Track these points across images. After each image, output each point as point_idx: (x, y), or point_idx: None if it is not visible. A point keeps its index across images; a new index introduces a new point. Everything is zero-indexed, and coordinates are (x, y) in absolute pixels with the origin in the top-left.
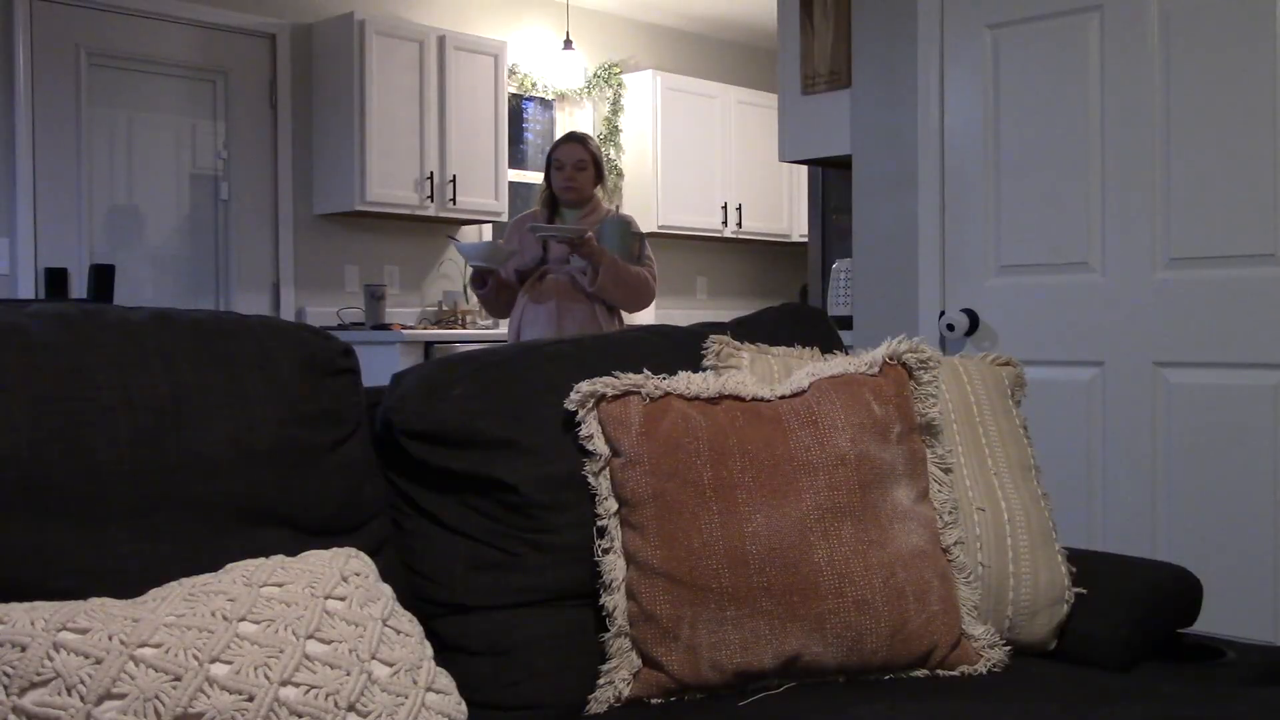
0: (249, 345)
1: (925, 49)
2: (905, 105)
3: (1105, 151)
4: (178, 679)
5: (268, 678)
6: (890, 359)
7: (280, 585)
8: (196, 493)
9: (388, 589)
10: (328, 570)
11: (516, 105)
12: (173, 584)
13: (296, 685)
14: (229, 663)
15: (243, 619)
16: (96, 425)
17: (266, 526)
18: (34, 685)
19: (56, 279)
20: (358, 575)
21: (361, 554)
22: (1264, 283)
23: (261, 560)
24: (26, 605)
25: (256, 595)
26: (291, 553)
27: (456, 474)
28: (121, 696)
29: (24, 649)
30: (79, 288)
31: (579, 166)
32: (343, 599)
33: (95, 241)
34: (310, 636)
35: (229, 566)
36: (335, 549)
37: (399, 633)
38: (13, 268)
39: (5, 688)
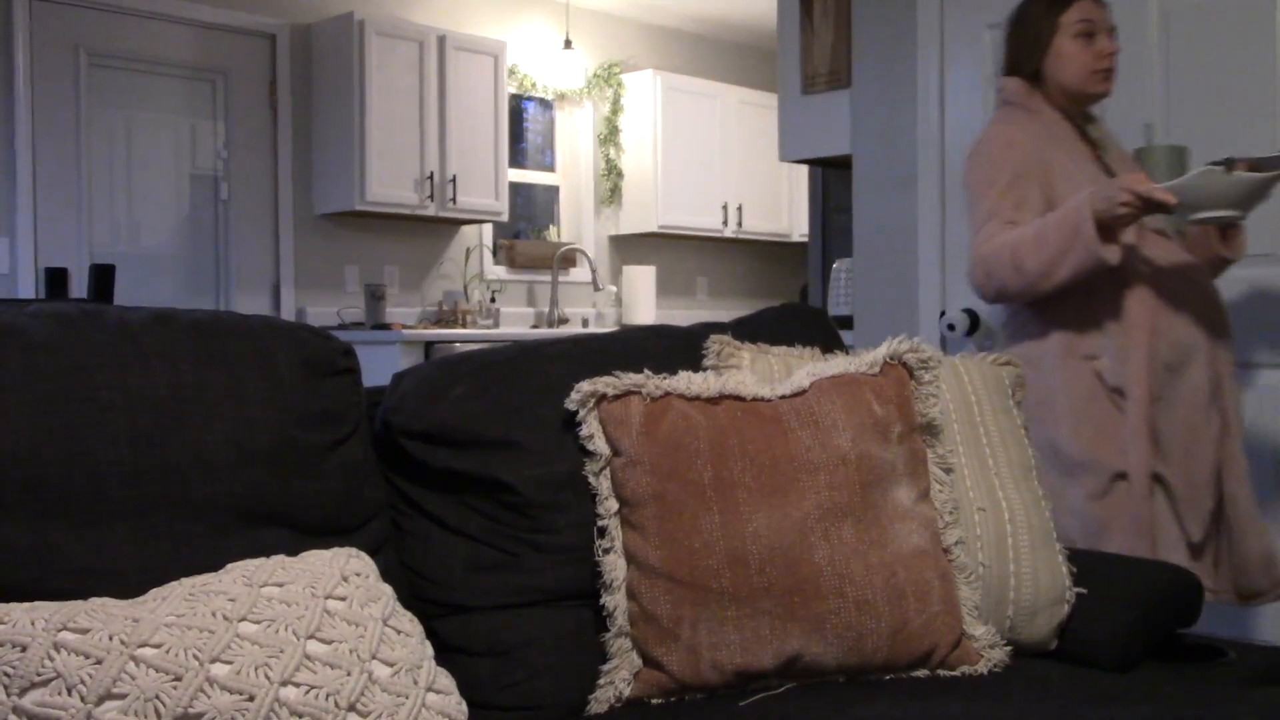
0: (249, 345)
1: (925, 49)
2: (905, 105)
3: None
4: (178, 679)
5: (268, 678)
6: (891, 359)
7: (280, 585)
8: (196, 493)
9: (388, 589)
10: (328, 570)
11: (516, 105)
12: (173, 584)
13: (297, 685)
14: (229, 663)
15: (243, 619)
16: (96, 425)
17: (266, 526)
18: (34, 685)
19: (56, 279)
20: (358, 575)
21: (361, 554)
22: (1264, 283)
23: (261, 560)
24: (26, 605)
25: (257, 595)
26: (291, 553)
27: (456, 474)
28: (122, 696)
29: (24, 649)
30: (79, 288)
31: (1113, 37)
32: (343, 599)
33: (95, 241)
34: (310, 636)
35: (229, 566)
36: (335, 549)
37: (399, 633)
38: (13, 268)
39: (5, 688)
